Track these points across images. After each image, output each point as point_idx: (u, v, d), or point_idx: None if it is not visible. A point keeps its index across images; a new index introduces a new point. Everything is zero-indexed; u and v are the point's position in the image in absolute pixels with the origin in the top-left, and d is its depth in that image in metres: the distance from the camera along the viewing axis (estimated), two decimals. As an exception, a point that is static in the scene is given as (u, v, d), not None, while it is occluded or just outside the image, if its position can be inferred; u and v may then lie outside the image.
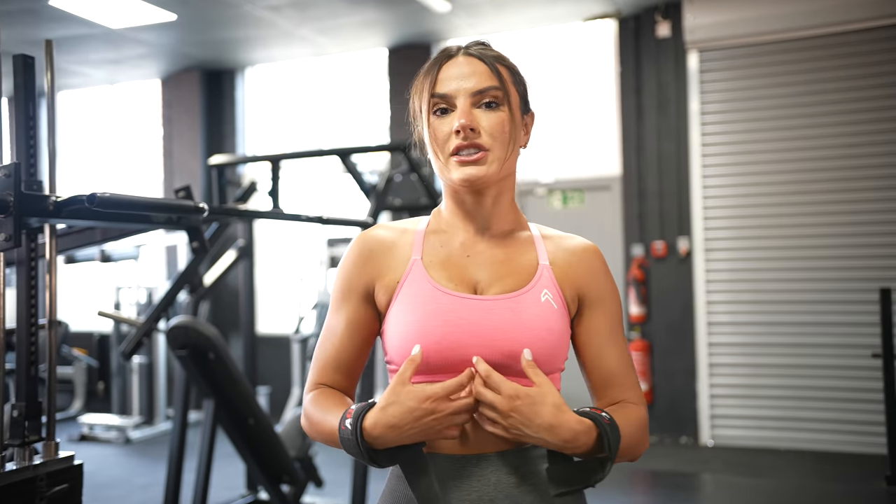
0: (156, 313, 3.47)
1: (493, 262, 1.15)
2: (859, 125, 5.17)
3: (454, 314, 1.09)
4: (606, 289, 1.18)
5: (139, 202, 1.70)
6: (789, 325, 5.29)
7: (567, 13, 5.74)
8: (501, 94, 1.13)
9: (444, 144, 1.12)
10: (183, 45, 6.34)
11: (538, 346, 1.08)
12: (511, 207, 1.20)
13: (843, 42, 5.19)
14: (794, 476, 4.65)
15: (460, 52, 1.16)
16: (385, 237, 1.19)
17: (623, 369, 1.16)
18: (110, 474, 5.05)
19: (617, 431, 1.03)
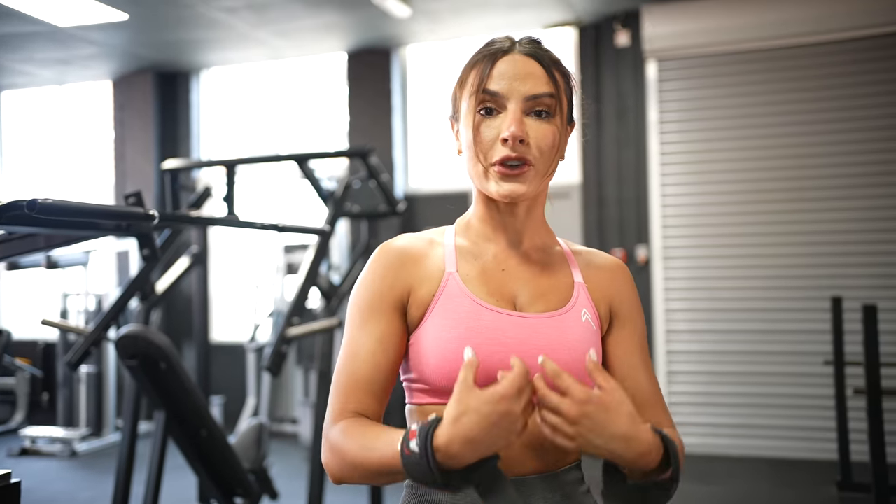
0: (105, 321, 3.39)
1: (531, 278, 1.10)
2: (813, 136, 5.30)
3: (500, 332, 1.03)
4: (635, 307, 1.15)
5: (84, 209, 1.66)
6: (745, 333, 5.39)
7: (527, 20, 5.79)
8: (555, 103, 1.06)
9: (489, 151, 1.05)
10: (135, 45, 6.22)
11: (582, 366, 1.02)
12: (543, 220, 1.16)
13: (799, 55, 5.32)
14: (749, 483, 4.73)
15: (515, 46, 1.09)
16: (413, 247, 1.11)
17: (655, 390, 1.12)
18: (54, 489, 4.90)
19: (677, 457, 0.97)
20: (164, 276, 4.16)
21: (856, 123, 5.22)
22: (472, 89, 1.06)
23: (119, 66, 6.76)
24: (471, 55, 1.11)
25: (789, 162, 5.35)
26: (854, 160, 5.22)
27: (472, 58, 1.10)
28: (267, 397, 5.85)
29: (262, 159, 3.98)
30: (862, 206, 5.20)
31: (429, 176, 6.39)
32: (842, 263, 5.22)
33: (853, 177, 5.22)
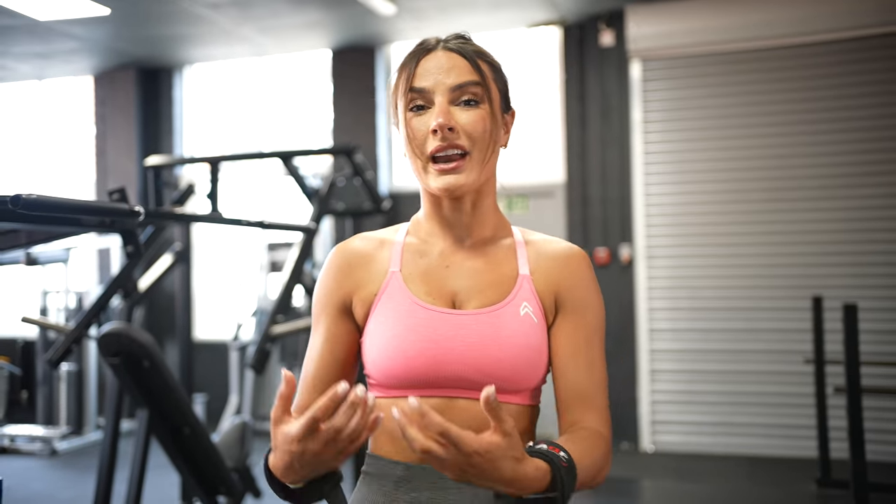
0: (87, 319, 3.36)
1: (473, 273, 1.11)
2: (795, 136, 5.36)
3: (431, 330, 1.06)
4: (587, 298, 1.12)
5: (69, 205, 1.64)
6: (727, 332, 5.44)
7: (512, 19, 5.80)
8: (482, 90, 1.09)
9: (423, 145, 1.08)
10: (117, 40, 6.16)
11: (516, 361, 1.06)
12: (492, 211, 1.16)
13: (781, 56, 5.37)
14: (731, 480, 4.77)
15: (439, 45, 1.12)
16: (362, 249, 1.15)
17: (591, 388, 1.09)
18: (33, 488, 4.85)
19: (573, 474, 0.95)
20: (146, 274, 4.14)
21: (838, 125, 5.28)
22: (402, 90, 1.10)
23: (100, 62, 6.69)
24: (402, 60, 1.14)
25: (771, 162, 5.40)
26: (835, 161, 5.28)
27: (402, 61, 1.13)
28: (250, 395, 5.83)
29: (246, 156, 3.97)
30: (843, 206, 5.26)
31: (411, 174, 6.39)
32: (822, 263, 5.28)
33: (834, 177, 5.28)
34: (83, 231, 1.99)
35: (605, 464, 1.04)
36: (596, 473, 1.02)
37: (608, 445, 1.06)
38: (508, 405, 1.07)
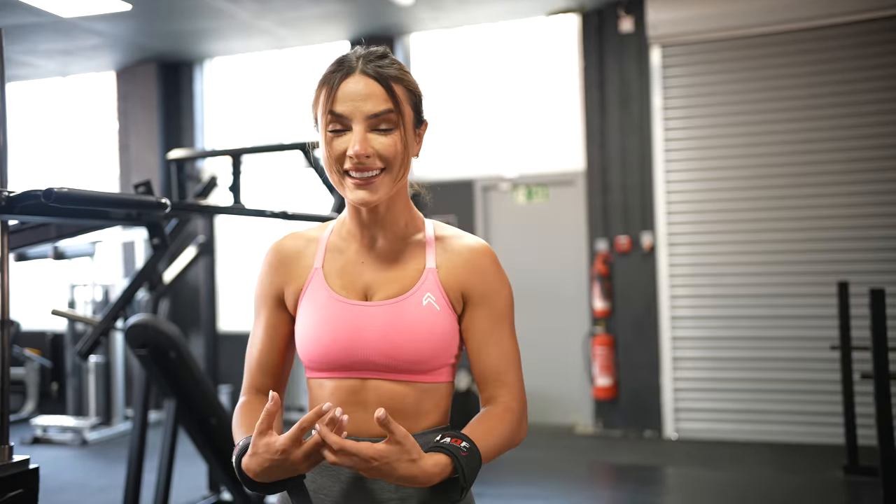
0: (114, 311, 3.40)
1: (383, 268, 1.24)
2: (818, 121, 5.28)
3: (342, 320, 1.21)
4: (491, 288, 1.25)
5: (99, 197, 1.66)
6: (751, 319, 5.39)
7: (530, 7, 5.76)
8: (396, 116, 1.18)
9: (339, 162, 1.18)
10: (138, 36, 6.20)
11: (419, 346, 1.19)
12: (404, 210, 1.27)
13: (803, 38, 5.29)
14: (756, 467, 4.74)
15: (358, 67, 1.19)
16: (292, 247, 1.30)
17: (501, 366, 1.24)
18: (65, 477, 4.93)
19: (475, 459, 1.12)
20: (171, 266, 4.17)
21: (861, 108, 5.19)
22: (323, 110, 1.19)
23: (122, 57, 6.74)
24: (322, 72, 1.23)
25: (794, 147, 5.33)
26: (859, 144, 5.20)
27: (322, 77, 1.22)
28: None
29: (268, 148, 3.96)
30: (867, 190, 5.19)
31: (431, 163, 6.38)
32: (847, 248, 5.21)
33: (858, 161, 5.20)
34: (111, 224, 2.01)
35: (514, 433, 1.22)
36: (505, 443, 1.20)
37: (516, 416, 1.23)
38: (420, 384, 1.21)
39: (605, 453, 5.24)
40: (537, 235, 6.05)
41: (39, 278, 7.07)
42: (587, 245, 5.82)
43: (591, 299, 5.76)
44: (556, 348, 5.92)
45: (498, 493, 4.30)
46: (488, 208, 6.19)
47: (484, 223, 6.15)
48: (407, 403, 1.20)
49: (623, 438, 5.56)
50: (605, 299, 5.67)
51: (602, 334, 5.68)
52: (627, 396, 5.65)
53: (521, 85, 6.17)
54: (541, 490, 4.38)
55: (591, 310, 5.77)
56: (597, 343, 5.66)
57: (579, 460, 5.07)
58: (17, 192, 1.62)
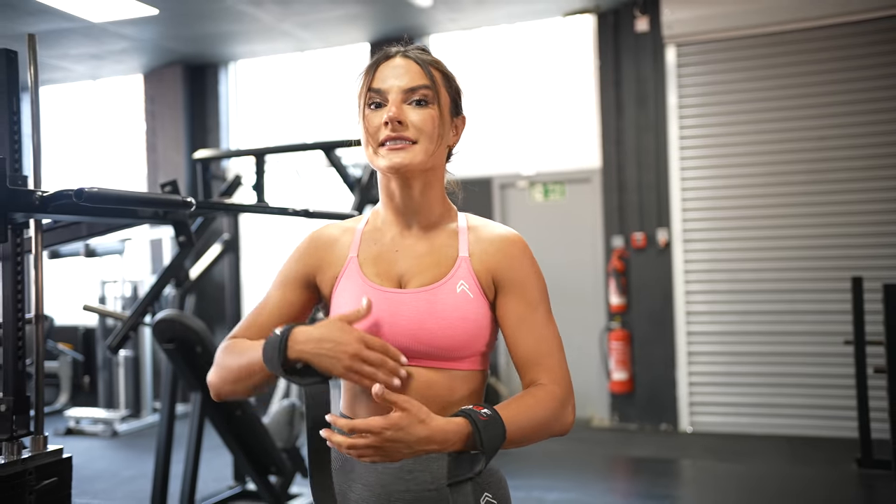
0: (142, 307, 3.45)
1: (417, 256, 1.25)
2: (833, 118, 5.23)
3: (376, 307, 1.20)
4: (523, 275, 1.24)
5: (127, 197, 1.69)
6: (765, 314, 5.35)
7: (547, 8, 5.75)
8: (431, 93, 1.21)
9: (375, 135, 1.20)
10: (165, 39, 6.27)
11: (452, 332, 1.19)
12: (439, 200, 1.28)
13: (818, 37, 5.24)
14: (770, 460, 4.71)
15: (398, 53, 1.24)
16: (330, 235, 1.31)
17: (538, 351, 1.22)
18: (97, 467, 5.01)
19: (497, 424, 1.10)
20: (197, 263, 4.22)
21: (874, 105, 5.13)
22: (363, 90, 1.23)
23: (150, 60, 6.82)
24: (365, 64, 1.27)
25: (808, 144, 5.28)
26: (872, 141, 5.14)
27: (365, 66, 1.26)
28: (297, 379, 5.91)
29: (290, 148, 4.00)
30: (880, 186, 5.13)
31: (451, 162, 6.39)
32: (861, 244, 5.16)
33: (872, 158, 5.15)
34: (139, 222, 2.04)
35: (554, 416, 1.18)
36: (542, 424, 1.17)
37: (558, 400, 1.19)
38: (454, 371, 1.20)
39: (622, 446, 5.23)
40: (554, 232, 6.04)
41: (71, 275, 7.18)
42: (603, 241, 5.80)
43: (608, 295, 5.74)
44: (572, 343, 5.91)
45: (515, 484, 4.31)
46: (506, 206, 6.20)
47: (501, 220, 6.16)
48: (440, 390, 1.20)
49: (639, 431, 5.54)
50: (621, 295, 5.66)
51: (618, 329, 5.67)
52: (643, 390, 5.64)
53: (538, 84, 6.16)
54: (558, 482, 4.39)
55: (608, 305, 5.75)
56: (613, 338, 5.65)
57: (596, 453, 5.07)
58: (50, 192, 1.67)
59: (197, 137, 7.08)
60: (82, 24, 5.70)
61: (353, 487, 1.23)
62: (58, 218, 1.98)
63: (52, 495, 1.75)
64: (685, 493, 4.35)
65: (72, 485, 1.82)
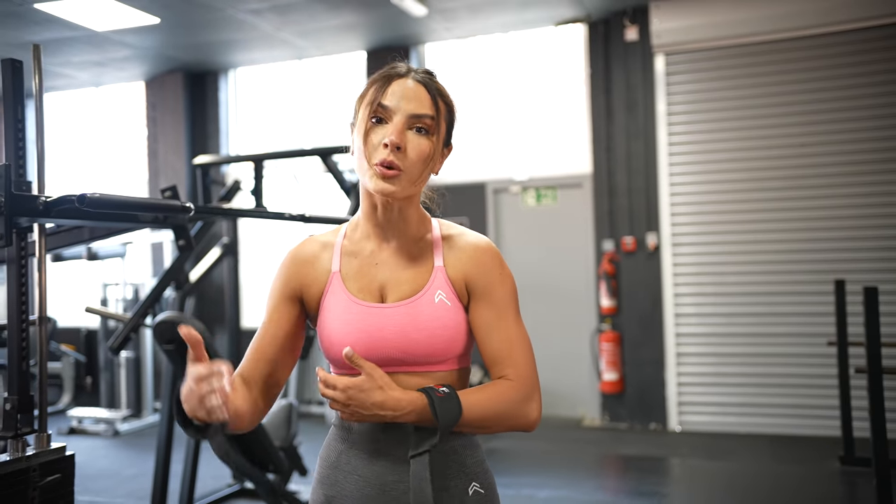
0: (143, 309, 3.46)
1: (396, 269, 1.28)
2: (816, 125, 5.27)
3: (363, 322, 1.24)
4: (493, 281, 1.28)
5: (128, 202, 1.71)
6: (751, 316, 5.39)
7: (539, 17, 5.78)
8: (433, 124, 1.23)
9: (374, 153, 1.21)
10: (166, 47, 6.29)
11: (434, 341, 1.23)
12: (416, 213, 1.30)
13: (803, 46, 5.28)
14: (756, 458, 4.74)
15: (410, 74, 1.25)
16: (310, 252, 1.33)
17: (502, 350, 1.26)
18: (99, 466, 5.02)
19: (453, 402, 1.17)
20: (197, 266, 4.24)
21: (857, 112, 5.18)
22: (369, 101, 1.23)
23: (151, 68, 6.84)
24: (374, 75, 1.27)
25: (793, 150, 5.32)
26: (855, 148, 5.19)
27: (373, 77, 1.26)
28: (294, 380, 5.94)
29: (288, 154, 4.02)
30: (863, 191, 5.17)
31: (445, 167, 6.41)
32: (844, 248, 5.20)
33: (855, 164, 5.19)
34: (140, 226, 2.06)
35: (515, 405, 1.23)
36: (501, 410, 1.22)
37: (518, 391, 1.24)
38: (436, 373, 1.24)
39: (612, 445, 5.26)
40: (546, 236, 6.07)
41: (74, 278, 7.18)
42: (594, 245, 5.83)
43: (598, 297, 5.77)
44: (564, 344, 5.94)
45: (508, 482, 4.34)
46: (499, 210, 6.22)
47: (495, 224, 6.19)
48: None
49: (629, 431, 5.57)
50: (612, 297, 5.68)
51: (609, 331, 5.69)
52: (633, 390, 5.67)
53: (530, 91, 6.20)
54: (550, 479, 4.41)
55: (599, 307, 5.78)
56: (604, 339, 5.68)
57: (587, 451, 5.10)
58: (53, 198, 1.69)
59: (197, 143, 7.10)
60: (85, 33, 5.72)
61: (349, 479, 1.26)
62: (61, 222, 1.99)
63: (55, 492, 1.76)
64: (674, 491, 4.37)
65: (74, 482, 1.84)
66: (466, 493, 1.26)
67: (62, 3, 5.10)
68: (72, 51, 6.19)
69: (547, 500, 4.05)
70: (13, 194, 1.67)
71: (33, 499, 1.71)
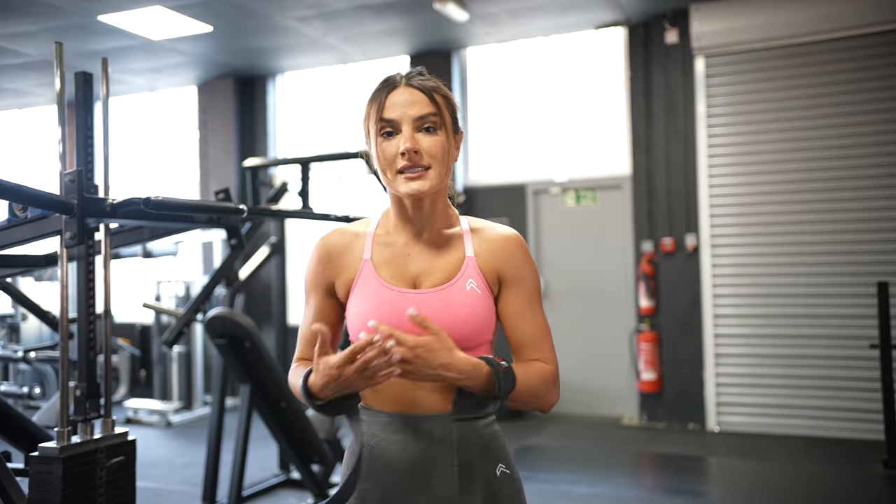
0: (195, 305, 3.61)
1: (428, 259, 1.32)
2: (857, 126, 5.19)
3: (395, 306, 1.28)
4: (522, 271, 1.33)
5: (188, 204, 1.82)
6: (791, 318, 5.33)
7: (579, 21, 5.80)
8: (438, 119, 1.29)
9: (392, 163, 1.28)
10: (218, 54, 6.48)
11: (465, 327, 1.28)
12: (444, 209, 1.36)
13: (843, 47, 5.20)
14: (795, 460, 4.70)
15: (402, 81, 1.32)
16: (340, 242, 1.37)
17: (534, 336, 1.32)
18: (153, 455, 5.21)
19: (510, 377, 1.21)
20: (246, 265, 4.38)
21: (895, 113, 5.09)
22: (374, 119, 1.31)
23: (203, 73, 7.04)
24: (370, 93, 1.35)
25: (833, 152, 5.24)
26: (893, 149, 5.10)
27: (371, 94, 1.34)
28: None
29: (333, 157, 4.10)
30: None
31: (486, 169, 6.48)
32: (886, 250, 5.11)
33: (893, 165, 5.10)
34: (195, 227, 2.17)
35: (547, 387, 1.29)
36: (538, 391, 1.27)
37: (552, 374, 1.31)
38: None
39: (649, 444, 5.26)
40: (585, 237, 6.09)
41: (129, 275, 7.43)
42: (633, 246, 5.83)
43: (637, 297, 5.77)
44: (603, 344, 5.95)
45: (545, 478, 4.38)
46: (539, 211, 6.26)
47: (535, 225, 6.22)
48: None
49: (667, 430, 5.56)
50: (650, 298, 5.68)
51: (647, 331, 5.69)
52: (671, 390, 5.65)
53: (570, 94, 6.22)
54: (586, 476, 4.44)
55: (637, 307, 5.78)
56: (642, 339, 5.68)
57: (624, 450, 5.11)
58: (119, 200, 1.80)
59: (246, 145, 7.28)
60: (143, 42, 5.93)
61: (381, 470, 1.29)
62: (124, 223, 2.11)
63: (119, 472, 1.89)
64: (711, 489, 4.37)
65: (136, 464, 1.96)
66: (494, 475, 1.30)
67: (123, 14, 5.30)
68: (130, 58, 6.42)
69: (583, 496, 4.09)
70: (84, 197, 1.79)
71: (101, 478, 1.83)
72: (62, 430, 1.78)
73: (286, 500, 4.15)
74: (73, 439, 1.80)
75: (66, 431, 1.79)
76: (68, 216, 1.77)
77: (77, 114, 1.93)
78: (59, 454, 1.74)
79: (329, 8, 5.35)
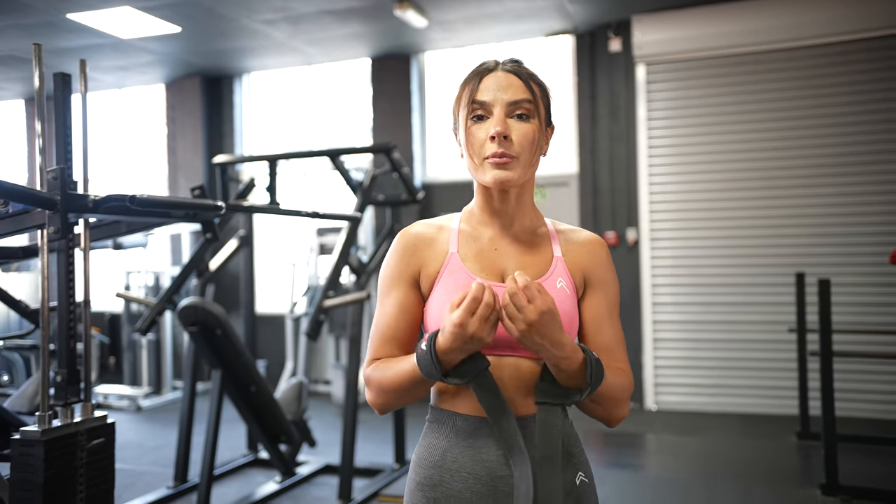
0: (168, 294, 3.58)
1: (517, 255, 1.21)
2: (783, 131, 5.38)
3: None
4: (607, 275, 1.24)
5: (171, 202, 1.82)
6: (722, 305, 5.52)
7: (530, 29, 5.88)
8: (532, 107, 1.17)
9: (480, 149, 1.17)
10: (186, 53, 6.38)
11: None
12: (531, 206, 1.26)
13: (773, 58, 5.39)
14: (724, 434, 4.88)
15: (499, 66, 1.20)
16: (425, 233, 1.24)
17: (612, 344, 1.21)
18: (124, 438, 5.14)
19: (601, 369, 1.10)
20: (216, 256, 4.34)
21: (822, 120, 5.30)
22: (465, 102, 1.18)
23: (171, 72, 6.92)
24: (465, 76, 1.23)
25: (762, 154, 5.44)
26: (820, 153, 5.31)
27: (465, 77, 1.22)
28: (303, 361, 6.05)
29: (300, 154, 4.08)
30: (824, 192, 5.29)
31: (443, 167, 6.53)
32: (806, 243, 5.33)
33: (817, 167, 5.31)
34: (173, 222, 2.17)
35: (624, 395, 1.19)
36: (618, 395, 1.16)
37: (630, 384, 1.20)
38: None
39: (592, 422, 5.35)
40: (535, 230, 6.17)
41: (99, 266, 7.28)
42: (579, 239, 5.93)
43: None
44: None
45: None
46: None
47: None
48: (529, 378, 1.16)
49: (609, 409, 5.69)
50: (594, 287, 5.79)
51: (591, 318, 5.80)
52: (613, 372, 5.78)
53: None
54: (535, 452, 4.52)
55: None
56: (586, 325, 5.79)
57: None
58: (101, 196, 1.80)
59: (213, 142, 7.18)
60: (112, 40, 5.80)
61: (457, 477, 1.16)
62: (104, 218, 2.10)
63: (99, 454, 1.89)
64: (649, 463, 4.51)
65: (115, 446, 1.96)
66: (574, 484, 1.18)
67: (92, 13, 5.18)
68: (99, 56, 6.28)
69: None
70: (67, 193, 1.78)
71: (81, 458, 1.83)
72: (43, 414, 1.77)
73: (255, 478, 4.15)
74: (53, 423, 1.80)
75: (47, 416, 1.78)
76: (52, 212, 1.76)
77: (56, 113, 1.92)
78: (41, 437, 1.74)
79: (294, 12, 5.32)
